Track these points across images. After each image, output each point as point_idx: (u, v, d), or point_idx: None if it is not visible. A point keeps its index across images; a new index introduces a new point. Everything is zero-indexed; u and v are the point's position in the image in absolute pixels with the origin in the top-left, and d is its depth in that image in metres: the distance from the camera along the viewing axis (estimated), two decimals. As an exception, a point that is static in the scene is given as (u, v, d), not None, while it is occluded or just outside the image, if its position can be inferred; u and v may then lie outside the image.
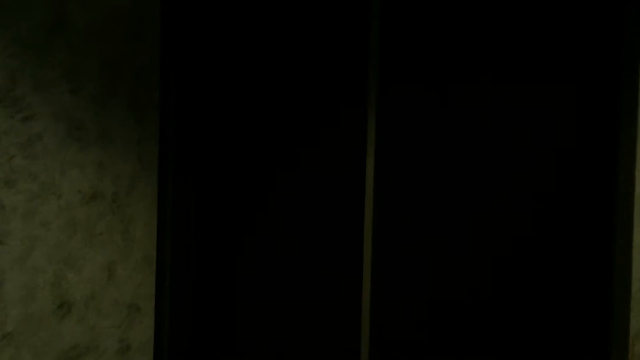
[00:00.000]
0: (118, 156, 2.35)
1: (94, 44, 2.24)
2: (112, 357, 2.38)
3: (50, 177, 2.12)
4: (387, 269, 2.39)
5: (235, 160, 2.61)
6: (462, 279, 2.30)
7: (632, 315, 1.91)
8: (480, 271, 2.28)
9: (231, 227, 2.63)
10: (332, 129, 2.47)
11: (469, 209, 2.29)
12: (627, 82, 2.00)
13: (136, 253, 2.44)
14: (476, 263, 2.28)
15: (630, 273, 1.93)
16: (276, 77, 2.55)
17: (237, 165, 2.61)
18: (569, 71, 2.18)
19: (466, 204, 2.29)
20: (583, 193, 2.17)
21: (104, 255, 2.32)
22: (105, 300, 2.34)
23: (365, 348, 2.42)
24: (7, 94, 1.97)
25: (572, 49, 2.18)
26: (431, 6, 2.35)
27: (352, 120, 2.44)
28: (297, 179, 2.52)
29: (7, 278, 2.01)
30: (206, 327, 2.69)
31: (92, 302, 2.29)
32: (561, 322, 2.20)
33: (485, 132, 2.27)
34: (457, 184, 2.30)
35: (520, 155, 2.23)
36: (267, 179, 2.56)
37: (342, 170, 2.45)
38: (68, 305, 2.21)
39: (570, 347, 2.20)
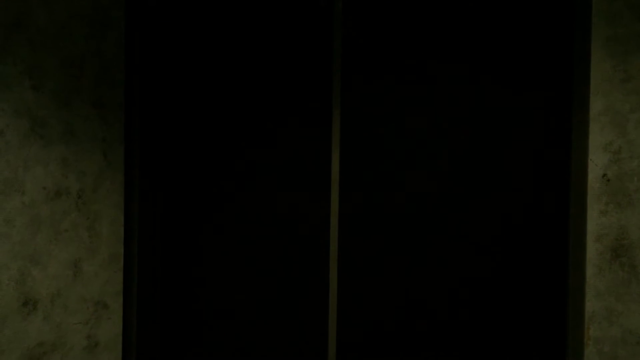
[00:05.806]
0: (83, 153, 2.36)
1: (57, 42, 2.26)
2: (79, 353, 2.38)
3: (14, 173, 2.13)
4: (354, 266, 2.41)
5: (201, 156, 2.63)
6: (426, 274, 2.33)
7: (586, 300, 1.95)
8: (444, 263, 2.31)
9: (198, 222, 2.64)
10: (297, 127, 2.51)
11: (430, 203, 2.33)
12: (579, 68, 2.05)
13: (103, 250, 2.44)
14: (440, 256, 2.32)
15: (584, 259, 1.97)
16: (242, 75, 2.58)
17: (203, 161, 2.63)
18: (520, 57, 2.23)
19: (427, 198, 2.33)
20: (538, 181, 2.21)
21: (69, 252, 2.33)
22: (72, 297, 2.34)
23: (333, 347, 2.44)
24: (-32, 90, 1.99)
25: (525, 45, 2.23)
26: (392, 9, 2.39)
27: (318, 118, 2.47)
28: (263, 174, 2.54)
29: (-31, 274, 2.02)
30: (174, 323, 2.70)
31: (58, 299, 2.30)
32: (519, 307, 2.24)
33: (443, 127, 2.31)
34: (418, 178, 2.34)
35: (479, 151, 2.28)
36: (233, 175, 2.59)
37: (309, 165, 2.48)
38: (33, 302, 2.21)
39: (528, 331, 2.23)
